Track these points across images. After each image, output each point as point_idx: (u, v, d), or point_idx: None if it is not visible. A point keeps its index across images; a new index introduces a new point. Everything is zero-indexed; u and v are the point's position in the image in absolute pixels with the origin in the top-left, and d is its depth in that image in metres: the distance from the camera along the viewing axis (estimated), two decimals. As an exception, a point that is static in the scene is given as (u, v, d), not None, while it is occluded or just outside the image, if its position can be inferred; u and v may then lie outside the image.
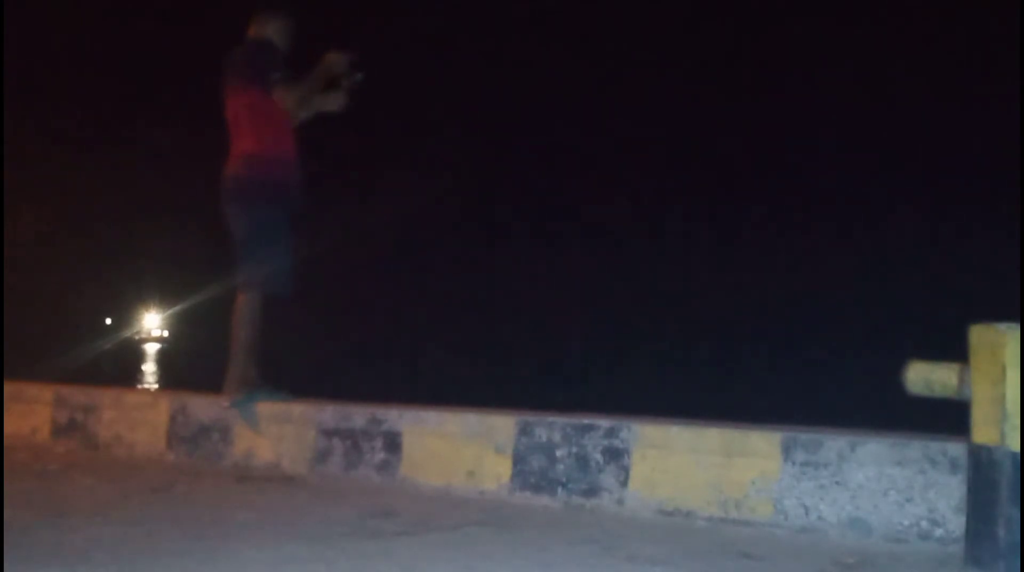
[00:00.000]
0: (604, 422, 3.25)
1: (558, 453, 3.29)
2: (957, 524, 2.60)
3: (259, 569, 2.35)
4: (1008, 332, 2.35)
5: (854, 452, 2.83)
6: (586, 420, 3.28)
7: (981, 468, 2.38)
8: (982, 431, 2.38)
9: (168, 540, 2.65)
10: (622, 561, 2.49)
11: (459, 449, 3.50)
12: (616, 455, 3.19)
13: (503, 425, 3.42)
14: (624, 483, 3.16)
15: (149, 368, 25.97)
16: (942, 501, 2.70)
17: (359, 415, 3.77)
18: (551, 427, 3.32)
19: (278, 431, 3.97)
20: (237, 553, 2.49)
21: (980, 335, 2.41)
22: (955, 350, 2.47)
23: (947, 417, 2.71)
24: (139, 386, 15.18)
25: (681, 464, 3.08)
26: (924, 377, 2.52)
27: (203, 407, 4.21)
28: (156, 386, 16.66)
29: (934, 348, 2.72)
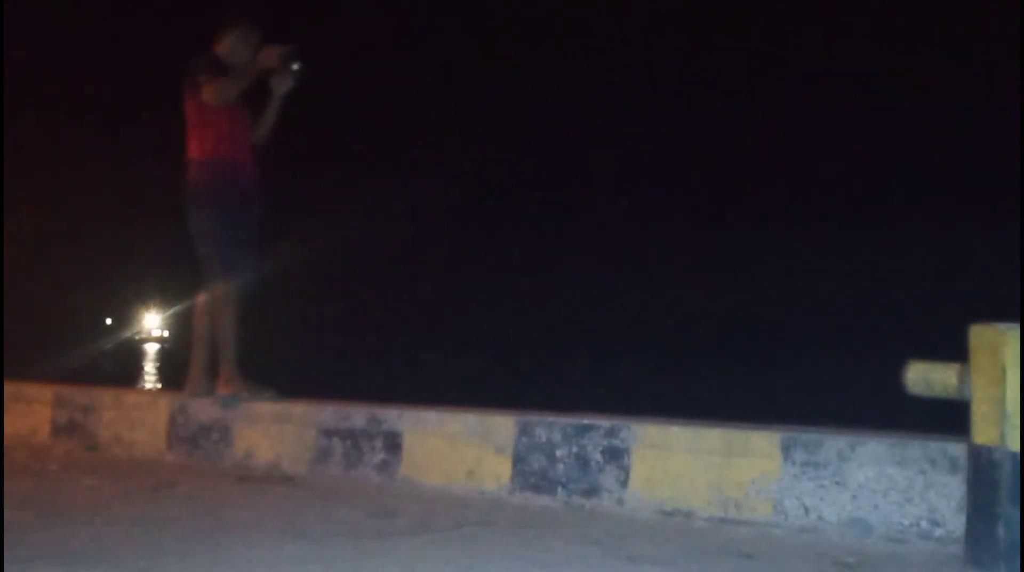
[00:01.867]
0: (604, 422, 3.25)
1: (558, 453, 3.28)
2: (957, 524, 2.60)
3: (259, 569, 2.35)
4: (1008, 332, 2.35)
5: (854, 452, 2.83)
6: (586, 420, 3.28)
7: (981, 468, 2.38)
8: (982, 431, 2.38)
9: (168, 540, 2.65)
10: (622, 561, 2.49)
11: (459, 449, 3.50)
12: (616, 455, 3.19)
13: (503, 425, 3.42)
14: (624, 483, 3.16)
15: (149, 368, 25.96)
16: (942, 501, 2.70)
17: (359, 415, 3.78)
18: (551, 427, 3.32)
19: (278, 431, 3.98)
20: (237, 553, 2.49)
21: (980, 335, 2.41)
22: (955, 350, 2.47)
23: (947, 417, 2.71)
24: (139, 386, 15.17)
25: (681, 464, 3.08)
26: (924, 377, 2.52)
27: (203, 407, 4.21)
28: (156, 386, 16.65)
29: (934, 348, 2.72)
